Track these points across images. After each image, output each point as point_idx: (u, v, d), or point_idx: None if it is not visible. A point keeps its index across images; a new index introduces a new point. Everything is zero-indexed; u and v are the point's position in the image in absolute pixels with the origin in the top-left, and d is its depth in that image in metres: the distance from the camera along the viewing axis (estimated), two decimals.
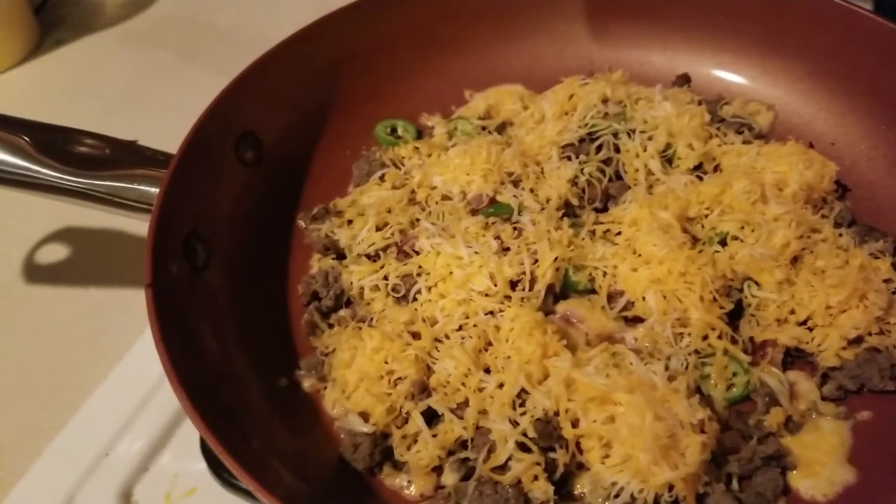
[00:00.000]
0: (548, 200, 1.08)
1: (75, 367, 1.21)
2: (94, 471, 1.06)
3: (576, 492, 0.86)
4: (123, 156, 1.04)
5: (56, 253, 1.37)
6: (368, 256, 1.06)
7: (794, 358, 0.96)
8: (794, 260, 0.98)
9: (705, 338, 0.94)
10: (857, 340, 0.93)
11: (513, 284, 0.97)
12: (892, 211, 1.07)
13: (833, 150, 1.14)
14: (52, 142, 1.03)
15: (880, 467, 0.86)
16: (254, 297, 1.04)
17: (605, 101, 1.16)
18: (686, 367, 0.92)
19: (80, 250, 1.38)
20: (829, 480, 0.85)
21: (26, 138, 1.03)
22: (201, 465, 1.00)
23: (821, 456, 0.87)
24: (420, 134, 1.27)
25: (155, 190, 0.99)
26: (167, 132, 1.07)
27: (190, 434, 1.06)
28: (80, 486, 1.04)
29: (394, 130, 1.26)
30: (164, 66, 1.78)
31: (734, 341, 0.95)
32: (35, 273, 1.35)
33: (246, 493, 0.97)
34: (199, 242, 1.00)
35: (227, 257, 1.04)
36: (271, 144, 1.16)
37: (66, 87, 1.76)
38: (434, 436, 0.87)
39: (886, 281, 0.97)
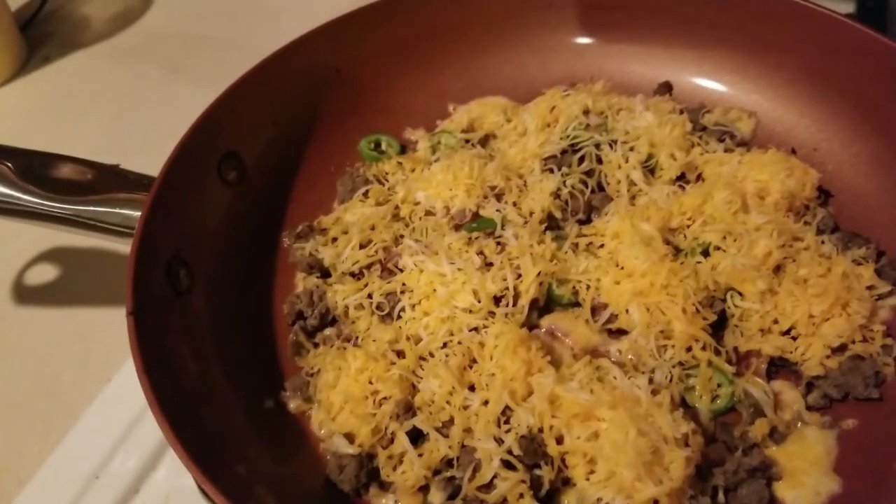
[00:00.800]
0: (531, 214, 1.08)
1: (65, 389, 1.20)
2: (84, 494, 1.05)
3: None
4: (106, 180, 1.04)
5: (44, 274, 1.37)
6: (352, 275, 1.06)
7: (779, 367, 0.96)
8: (777, 269, 0.98)
9: (689, 349, 0.94)
10: (841, 349, 0.93)
11: (496, 300, 0.98)
12: (875, 216, 1.07)
13: (815, 156, 1.14)
14: (34, 168, 1.04)
15: (865, 477, 0.85)
16: (238, 317, 1.04)
17: (586, 112, 1.16)
18: (670, 380, 0.92)
19: (68, 271, 1.38)
20: (815, 491, 0.85)
21: (9, 164, 1.03)
22: (193, 486, 0.98)
23: (806, 466, 0.87)
24: (404, 148, 1.27)
25: (137, 214, 0.99)
26: (156, 149, 1.07)
27: None
28: None
29: (377, 145, 1.26)
30: (153, 81, 1.78)
31: (718, 352, 0.95)
32: (23, 294, 1.34)
33: None
34: (181, 266, 1.00)
35: (210, 279, 1.04)
36: (254, 164, 1.16)
37: (53, 105, 1.75)
38: (420, 455, 0.87)
39: (869, 288, 0.97)
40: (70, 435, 1.12)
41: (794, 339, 0.95)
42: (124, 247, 1.35)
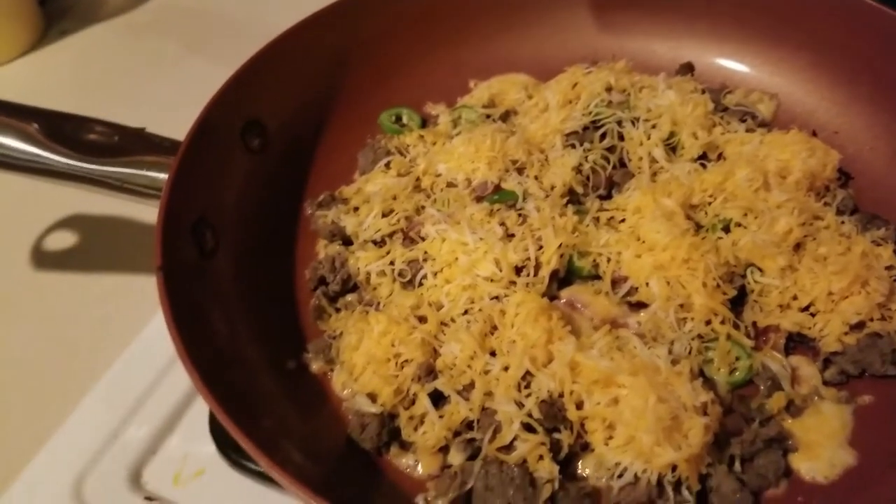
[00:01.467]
0: (552, 188, 1.09)
1: (84, 353, 1.22)
2: (103, 454, 1.07)
3: (579, 472, 0.87)
4: (132, 143, 1.06)
5: (64, 240, 1.38)
6: (374, 242, 1.07)
7: (796, 343, 0.97)
8: (797, 247, 0.99)
9: (708, 323, 0.95)
10: (859, 326, 0.94)
11: (517, 270, 0.98)
12: (895, 199, 1.07)
13: (836, 138, 1.14)
14: (61, 129, 1.05)
15: (881, 450, 0.87)
16: (261, 282, 1.05)
17: (608, 89, 1.17)
18: (689, 352, 0.92)
19: (87, 237, 1.39)
20: (830, 462, 0.86)
21: (36, 125, 1.05)
22: (209, 446, 1.02)
23: (822, 439, 0.88)
24: (424, 122, 1.28)
25: (163, 176, 1.00)
26: (172, 123, 1.08)
27: (198, 417, 1.09)
28: (90, 468, 1.05)
29: (398, 119, 1.27)
30: (169, 57, 1.79)
31: (736, 327, 0.95)
32: (43, 260, 1.35)
33: (253, 474, 0.98)
34: (207, 228, 1.01)
35: (234, 243, 1.05)
36: (277, 132, 1.17)
37: (70, 78, 1.76)
38: (440, 417, 0.88)
39: (888, 268, 0.97)
40: (89, 397, 1.13)
41: (813, 315, 0.95)
42: (145, 214, 1.37)
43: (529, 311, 0.91)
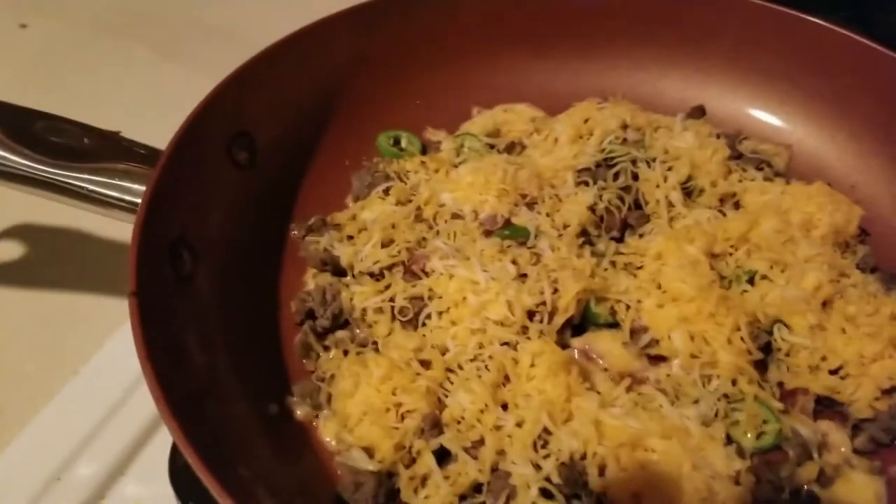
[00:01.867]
0: (565, 227, 1.02)
1: (26, 381, 1.09)
2: (43, 497, 0.95)
3: None
4: (105, 148, 0.94)
5: (9, 251, 1.24)
6: (371, 275, 0.98)
7: (824, 407, 0.91)
8: (824, 304, 0.94)
9: (734, 382, 0.88)
10: (891, 391, 0.89)
11: (530, 315, 0.90)
12: None
13: (852, 193, 1.10)
14: (25, 127, 0.93)
15: None
16: (242, 310, 0.94)
17: (624, 126, 1.12)
18: (716, 414, 0.86)
19: (36, 251, 1.26)
20: None
21: None
22: (168, 493, 0.91)
23: None
24: (425, 149, 1.19)
25: (138, 187, 0.90)
26: (144, 128, 0.98)
27: (154, 458, 0.97)
28: None
29: (397, 142, 1.18)
30: (140, 60, 1.67)
31: (761, 387, 0.89)
32: None
33: None
34: (185, 248, 0.90)
35: (214, 266, 0.94)
36: (266, 147, 1.07)
37: (28, 74, 1.63)
38: (446, 478, 0.79)
39: None
40: (28, 431, 1.01)
41: (843, 378, 0.90)
42: (101, 229, 1.27)
43: (551, 365, 0.83)
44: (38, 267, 1.25)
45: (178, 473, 0.92)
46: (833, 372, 0.90)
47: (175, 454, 0.94)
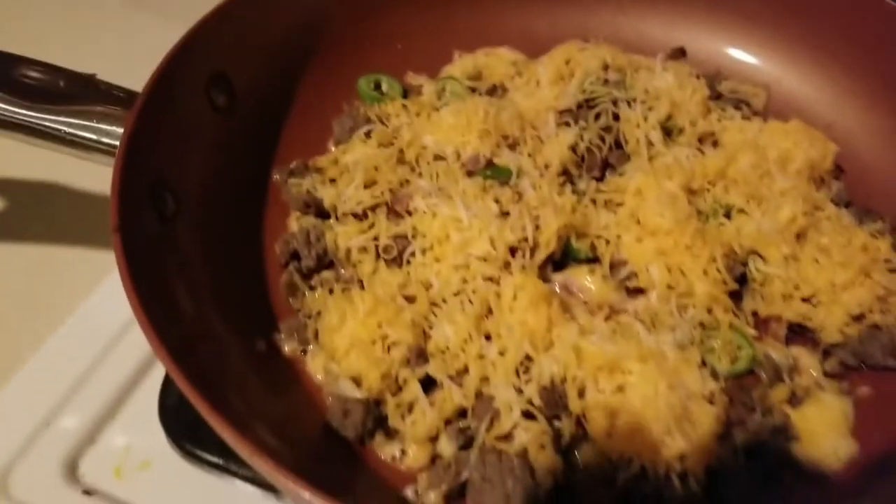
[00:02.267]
0: (546, 166, 1.03)
1: (11, 331, 1.10)
2: (34, 442, 0.97)
3: (579, 463, 0.81)
4: (80, 90, 0.94)
5: None
6: (355, 216, 0.99)
7: (796, 334, 0.94)
8: (798, 236, 0.96)
9: (710, 311, 0.91)
10: (859, 318, 0.92)
11: (512, 251, 0.92)
12: (886, 194, 1.06)
13: (828, 131, 1.12)
14: (1, 70, 0.92)
15: (882, 443, 0.85)
16: (227, 253, 0.95)
17: (605, 67, 1.12)
18: (692, 341, 0.88)
19: (16, 203, 1.26)
20: (834, 453, 0.84)
21: None
22: (156, 437, 0.94)
23: (824, 429, 0.85)
24: (406, 93, 1.19)
25: (116, 129, 0.90)
26: (119, 73, 0.97)
27: (142, 404, 1.00)
28: (19, 457, 0.96)
29: (378, 86, 1.18)
30: (111, 11, 1.64)
31: (736, 316, 0.92)
32: None
33: (209, 465, 0.90)
34: (166, 191, 0.90)
35: (197, 209, 0.94)
36: (245, 89, 1.06)
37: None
38: (431, 404, 0.81)
39: (886, 261, 0.95)
40: (16, 379, 1.03)
41: (815, 306, 0.93)
42: (80, 181, 1.26)
43: (532, 297, 0.85)
44: (18, 220, 1.25)
45: (168, 414, 0.94)
46: (805, 300, 0.93)
47: (164, 396, 0.96)
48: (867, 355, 0.90)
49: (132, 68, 0.95)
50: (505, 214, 0.94)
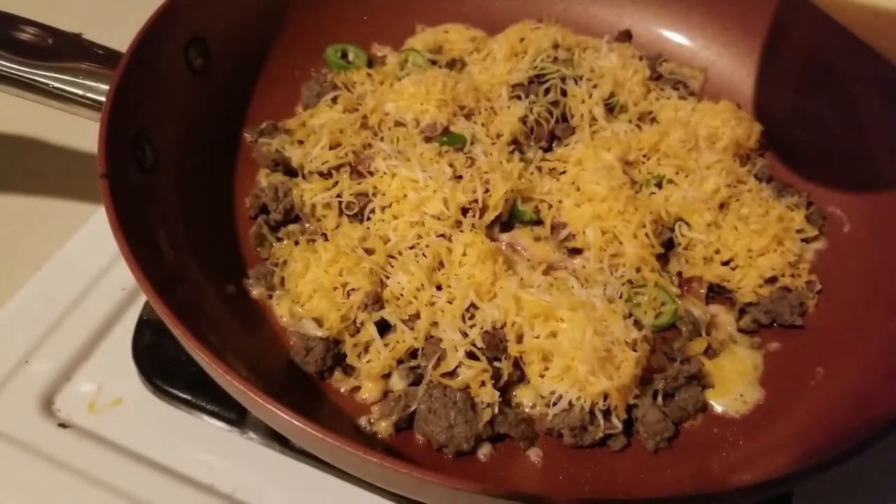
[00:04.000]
0: (498, 136, 1.12)
1: None
2: (11, 378, 1.02)
3: (515, 401, 0.91)
4: (68, 48, 1.00)
5: None
6: (321, 174, 1.06)
7: (715, 294, 1.04)
8: (722, 206, 1.06)
9: (638, 270, 1.01)
10: (772, 280, 1.02)
11: (464, 211, 1.00)
12: (806, 171, 1.15)
13: (759, 112, 1.22)
14: None
15: (785, 390, 0.94)
16: (201, 205, 1.03)
17: (555, 46, 1.21)
18: (620, 296, 0.98)
19: None
20: (742, 399, 0.94)
21: None
22: (127, 376, 1.01)
23: (735, 377, 0.96)
24: (371, 62, 1.27)
25: (99, 85, 0.96)
26: (100, 34, 1.03)
27: (112, 347, 1.06)
28: None
29: (344, 55, 1.26)
30: None
31: (662, 276, 1.02)
32: None
33: (180, 401, 0.97)
34: (147, 143, 0.97)
35: (173, 162, 1.01)
36: (220, 53, 1.13)
37: None
38: (386, 345, 0.90)
39: (799, 231, 1.05)
40: None
41: (733, 269, 1.03)
42: (55, 136, 1.31)
43: (479, 253, 0.94)
44: None
45: (140, 354, 1.01)
46: (724, 263, 1.03)
47: (138, 338, 1.02)
48: (778, 314, 1.00)
49: (114, 28, 1.00)
50: (458, 178, 1.03)
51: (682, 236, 1.04)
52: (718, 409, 0.93)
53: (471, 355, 0.87)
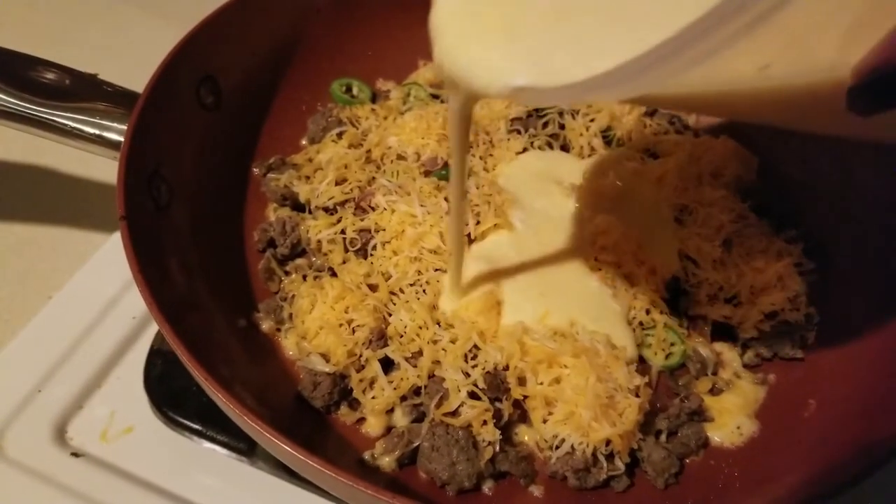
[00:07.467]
0: (495, 168, 1.14)
1: (2, 305, 1.18)
2: (25, 407, 1.04)
3: (517, 439, 0.93)
4: (85, 89, 1.02)
5: None
6: (326, 209, 1.09)
7: (716, 330, 1.04)
8: (724, 242, 1.06)
9: (648, 312, 1.01)
10: (772, 315, 1.02)
11: None
12: (800, 204, 1.15)
13: (751, 146, 1.20)
14: (9, 67, 1.00)
15: (780, 422, 0.95)
16: (213, 239, 1.05)
17: None
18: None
19: (5, 186, 1.34)
20: (738, 431, 0.95)
21: None
22: (139, 404, 1.03)
23: (733, 409, 0.97)
24: (375, 97, 1.30)
25: (115, 125, 0.99)
26: (116, 74, 1.05)
27: (125, 374, 1.08)
28: (11, 421, 1.03)
29: (349, 89, 1.29)
30: (97, 4, 1.71)
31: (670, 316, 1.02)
32: None
33: (189, 431, 0.99)
34: (162, 181, 0.99)
35: (187, 199, 1.03)
36: (230, 91, 1.15)
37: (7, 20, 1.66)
38: (390, 382, 0.92)
39: (797, 265, 1.06)
40: (8, 349, 1.10)
41: (735, 306, 1.03)
42: (65, 165, 1.34)
43: (482, 305, 0.96)
44: (7, 201, 1.32)
45: (152, 383, 1.03)
46: (728, 301, 1.03)
47: (149, 367, 1.04)
48: (778, 348, 1.01)
49: (128, 68, 1.03)
50: None
51: (691, 276, 1.04)
52: (716, 439, 0.95)
53: (473, 395, 0.89)
